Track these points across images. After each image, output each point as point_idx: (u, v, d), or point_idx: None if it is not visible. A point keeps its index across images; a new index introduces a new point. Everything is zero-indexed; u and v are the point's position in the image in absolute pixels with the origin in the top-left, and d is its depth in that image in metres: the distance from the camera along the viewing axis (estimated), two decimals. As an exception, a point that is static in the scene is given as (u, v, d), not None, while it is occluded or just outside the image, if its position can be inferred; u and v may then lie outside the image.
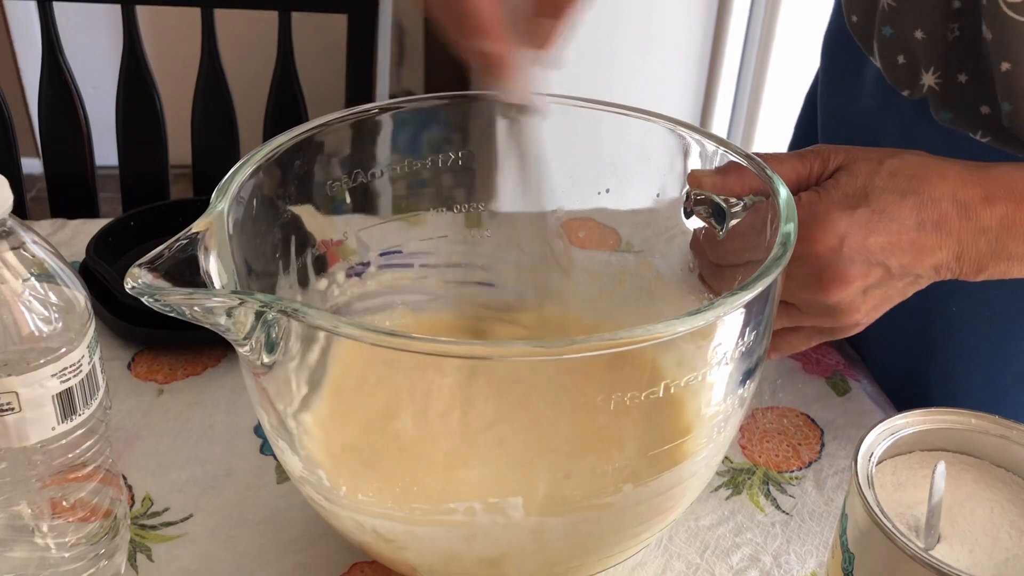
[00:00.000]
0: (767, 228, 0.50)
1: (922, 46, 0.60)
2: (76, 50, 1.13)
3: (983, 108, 0.59)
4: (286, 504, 0.56)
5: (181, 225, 0.43)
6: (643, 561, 0.54)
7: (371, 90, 1.15)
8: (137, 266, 0.40)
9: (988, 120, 0.59)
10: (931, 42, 0.60)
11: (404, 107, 0.57)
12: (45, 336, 0.43)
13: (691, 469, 0.47)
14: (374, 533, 0.47)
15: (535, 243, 0.63)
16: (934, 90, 0.61)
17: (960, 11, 0.58)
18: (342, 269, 0.59)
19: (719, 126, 2.14)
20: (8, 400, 0.42)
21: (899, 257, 0.51)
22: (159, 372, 0.66)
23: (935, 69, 0.60)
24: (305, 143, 0.53)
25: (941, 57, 0.60)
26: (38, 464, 0.45)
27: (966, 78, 0.59)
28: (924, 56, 0.61)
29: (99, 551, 0.49)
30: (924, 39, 0.60)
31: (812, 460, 0.61)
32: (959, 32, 0.59)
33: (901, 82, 0.63)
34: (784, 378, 0.68)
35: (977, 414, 0.44)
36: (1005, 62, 0.55)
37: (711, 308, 0.40)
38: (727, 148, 0.53)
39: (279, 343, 0.42)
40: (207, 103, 1.11)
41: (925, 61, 0.61)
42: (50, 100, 1.09)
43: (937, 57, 0.60)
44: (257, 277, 0.50)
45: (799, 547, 0.55)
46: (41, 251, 0.44)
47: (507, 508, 0.44)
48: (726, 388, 0.46)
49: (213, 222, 0.44)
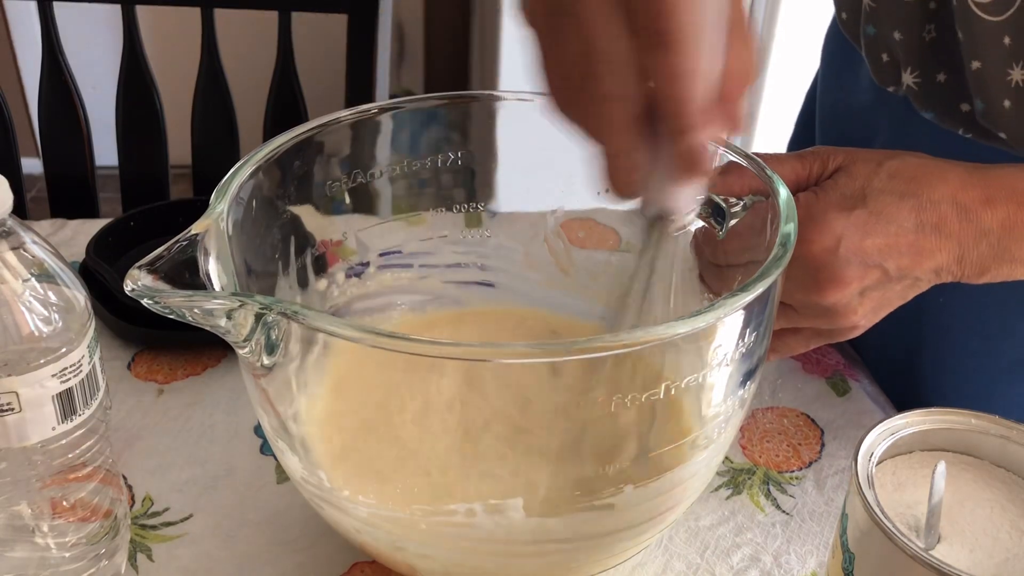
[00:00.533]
0: (767, 228, 0.50)
1: (900, 46, 0.61)
2: (76, 50, 1.13)
3: (963, 106, 0.59)
4: (286, 504, 0.56)
5: (181, 225, 0.43)
6: (643, 561, 0.54)
7: (371, 90, 1.15)
8: (137, 268, 0.40)
9: (968, 117, 0.60)
10: (908, 42, 0.60)
11: (404, 107, 0.57)
12: (45, 336, 0.43)
13: (691, 470, 0.47)
14: (374, 534, 0.47)
15: (535, 243, 0.63)
16: (913, 89, 0.61)
17: (936, 12, 0.59)
18: (342, 269, 0.59)
19: (719, 126, 2.13)
20: (8, 400, 0.42)
21: (897, 259, 0.51)
22: (159, 372, 0.66)
23: (912, 68, 0.61)
24: (305, 143, 0.53)
25: (918, 57, 0.60)
26: (38, 464, 0.45)
27: (945, 77, 0.60)
28: (902, 55, 0.61)
29: (99, 551, 0.49)
30: (901, 39, 0.61)
31: (812, 460, 0.61)
32: (935, 33, 0.59)
33: (886, 79, 0.64)
34: (784, 378, 0.68)
35: (977, 414, 0.44)
36: (975, 60, 0.56)
37: (711, 309, 0.40)
38: (727, 148, 0.53)
39: (279, 345, 0.42)
40: (207, 103, 1.11)
41: (903, 60, 0.61)
42: (50, 100, 1.09)
43: (914, 57, 0.61)
44: (257, 278, 0.50)
45: (799, 547, 0.55)
46: (41, 251, 0.44)
47: (507, 509, 0.44)
48: (726, 389, 0.46)
49: (212, 224, 0.44)
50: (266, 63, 1.13)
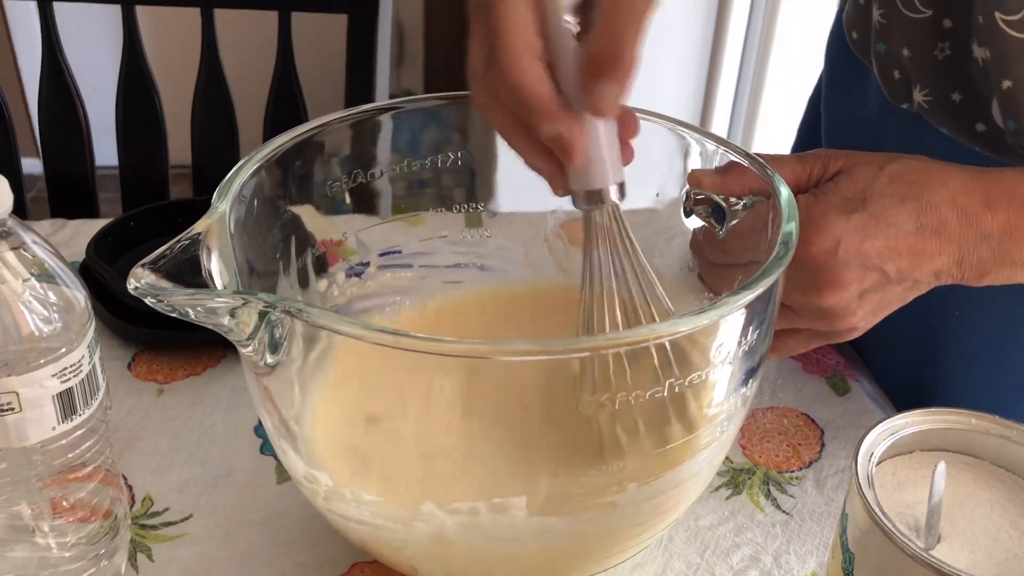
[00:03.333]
0: (768, 228, 0.50)
1: (910, 63, 0.61)
2: (76, 50, 1.12)
3: (978, 126, 0.59)
4: (286, 504, 0.56)
5: (181, 225, 0.43)
6: (643, 561, 0.54)
7: (371, 90, 1.15)
8: (140, 266, 0.40)
9: (984, 136, 0.59)
10: (917, 59, 0.60)
11: (404, 107, 0.57)
12: (45, 336, 0.43)
13: (694, 468, 0.47)
14: (376, 533, 0.47)
15: (535, 243, 0.63)
16: (923, 107, 0.61)
17: (951, 30, 0.58)
18: (342, 269, 0.59)
19: (719, 126, 2.13)
20: (8, 400, 0.42)
21: (896, 262, 0.51)
22: (159, 372, 0.66)
23: (922, 87, 0.61)
24: (305, 143, 0.53)
25: (929, 75, 0.60)
26: (38, 464, 0.45)
27: (960, 97, 0.59)
28: (912, 73, 0.61)
29: (99, 551, 0.49)
30: (911, 56, 0.60)
31: (812, 460, 0.61)
32: (950, 51, 0.58)
33: (897, 96, 0.64)
34: (784, 378, 0.68)
35: (977, 414, 0.44)
36: (1006, 80, 0.55)
37: (714, 308, 0.40)
38: (727, 148, 0.53)
39: (283, 343, 0.42)
40: (207, 103, 1.11)
41: (913, 78, 0.61)
42: (50, 100, 1.09)
43: (924, 75, 0.60)
44: (259, 277, 0.50)
45: (799, 547, 0.55)
46: (41, 251, 0.44)
47: (511, 508, 0.44)
48: (729, 387, 0.46)
49: (215, 223, 0.44)
50: (266, 63, 1.12)
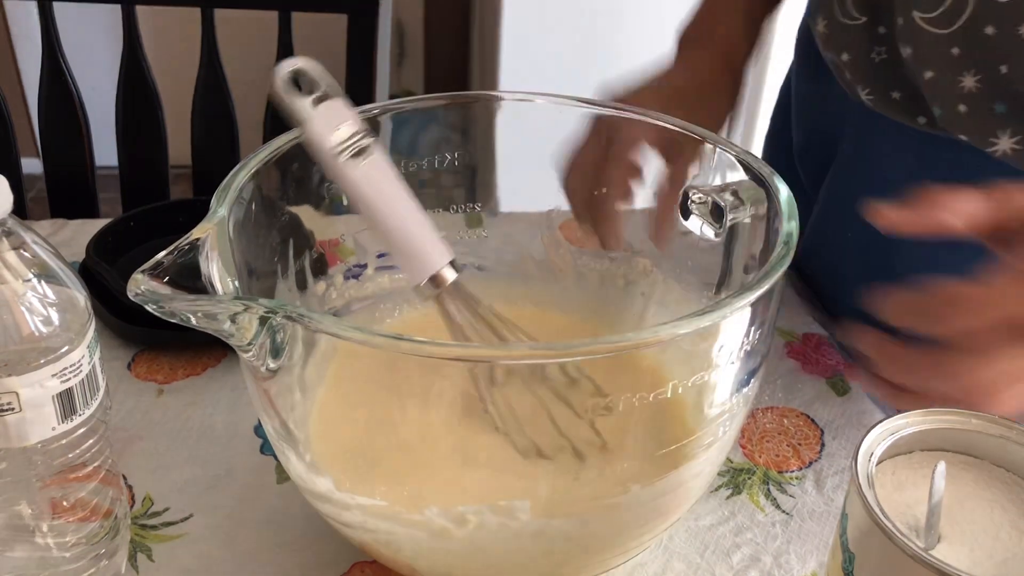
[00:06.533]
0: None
1: (849, 67, 0.65)
2: (76, 50, 1.12)
3: (920, 119, 0.62)
4: (286, 504, 0.56)
5: (181, 225, 0.43)
6: (643, 561, 0.54)
7: (371, 90, 1.15)
8: (140, 273, 0.40)
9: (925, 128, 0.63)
10: (855, 63, 0.65)
11: (404, 107, 0.57)
12: (45, 336, 0.43)
13: (696, 469, 0.47)
14: (377, 534, 0.47)
15: (534, 243, 0.63)
16: (868, 105, 0.65)
17: (884, 36, 0.63)
18: (340, 272, 0.59)
19: (718, 126, 2.13)
20: (8, 400, 0.42)
21: None
22: (159, 372, 0.66)
23: (863, 87, 0.65)
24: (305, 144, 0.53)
25: (869, 76, 0.64)
26: (38, 464, 0.45)
27: (899, 95, 0.63)
28: (852, 75, 0.65)
29: (99, 551, 0.49)
30: (849, 60, 0.65)
31: (812, 460, 0.61)
32: (887, 54, 0.63)
33: (851, 92, 0.67)
34: (784, 378, 0.68)
35: (977, 414, 0.44)
36: (927, 71, 0.59)
37: (716, 309, 0.40)
38: (727, 148, 0.53)
39: (284, 348, 0.42)
40: (207, 103, 1.11)
41: (854, 79, 0.65)
42: (50, 100, 1.09)
43: (865, 76, 0.65)
44: (258, 279, 0.50)
45: (799, 547, 0.55)
46: (41, 251, 0.44)
47: (515, 511, 0.44)
48: (731, 387, 0.46)
49: (214, 227, 0.43)
50: (266, 63, 1.12)
